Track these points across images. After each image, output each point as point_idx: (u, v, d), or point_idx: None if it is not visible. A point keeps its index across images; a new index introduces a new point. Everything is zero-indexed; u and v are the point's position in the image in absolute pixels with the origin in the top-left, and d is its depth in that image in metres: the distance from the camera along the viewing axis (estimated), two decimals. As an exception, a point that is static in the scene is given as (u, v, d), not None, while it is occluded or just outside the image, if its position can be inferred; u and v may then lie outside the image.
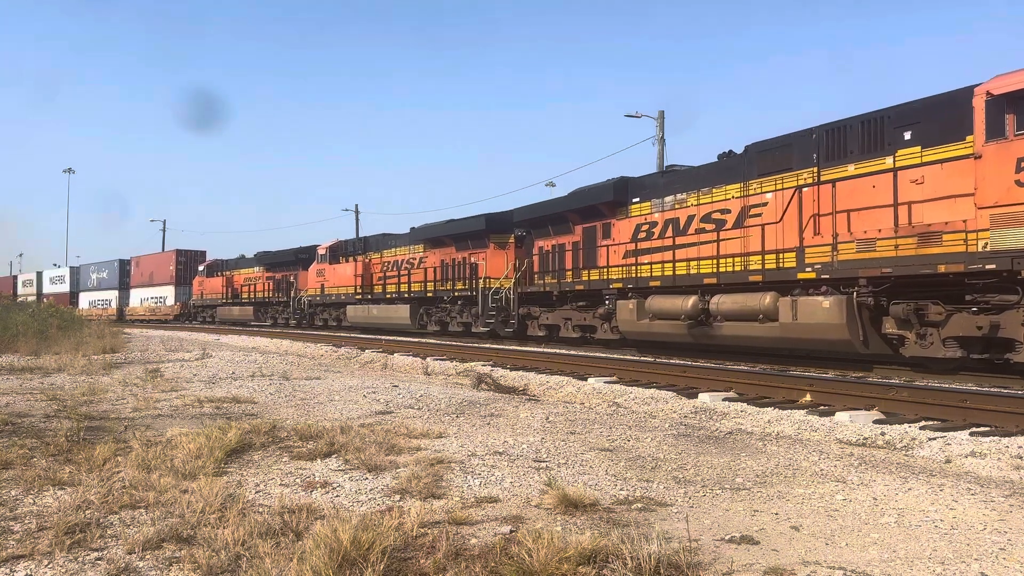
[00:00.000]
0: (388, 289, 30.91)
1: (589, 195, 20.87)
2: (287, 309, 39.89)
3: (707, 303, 16.08)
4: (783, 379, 11.77)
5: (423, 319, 28.82)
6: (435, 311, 28.17)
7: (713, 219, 16.63)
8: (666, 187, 18.36)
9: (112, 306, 61.11)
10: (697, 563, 3.68)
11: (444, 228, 28.22)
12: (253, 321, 42.82)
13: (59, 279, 71.70)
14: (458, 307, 26.72)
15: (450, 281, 27.26)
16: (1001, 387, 10.66)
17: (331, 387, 11.42)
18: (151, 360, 17.15)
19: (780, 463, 6.23)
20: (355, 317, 32.60)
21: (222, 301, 46.77)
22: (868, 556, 3.90)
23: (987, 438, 7.51)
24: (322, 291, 35.81)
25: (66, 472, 5.55)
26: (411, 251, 30.32)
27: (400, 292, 29.86)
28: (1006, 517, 4.67)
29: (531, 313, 23.06)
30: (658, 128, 30.13)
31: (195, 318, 51.49)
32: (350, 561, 3.55)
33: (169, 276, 54.43)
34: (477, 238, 26.34)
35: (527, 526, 4.26)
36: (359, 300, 32.54)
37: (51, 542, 3.99)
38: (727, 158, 16.83)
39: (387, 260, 32.08)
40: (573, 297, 21.32)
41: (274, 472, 5.72)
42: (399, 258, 31.15)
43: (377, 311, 31.06)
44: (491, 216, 26.11)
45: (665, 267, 17.77)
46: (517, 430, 7.59)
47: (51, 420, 8.02)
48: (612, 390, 11.82)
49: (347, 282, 33.60)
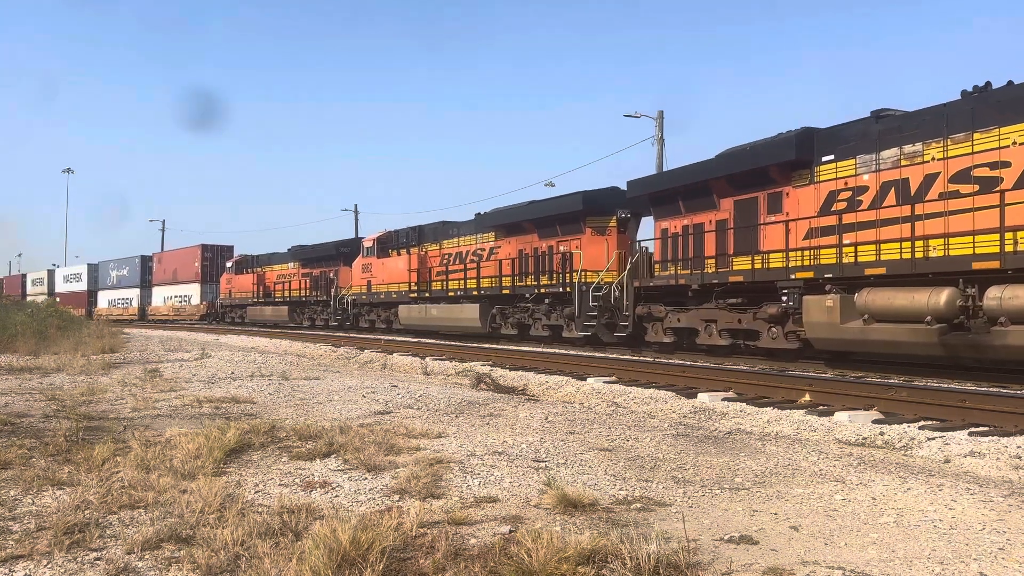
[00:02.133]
0: (450, 286, 26.60)
1: (752, 156, 15.68)
2: (327, 309, 35.83)
3: (972, 298, 11.66)
4: (782, 379, 11.78)
5: (495, 321, 24.65)
6: (512, 311, 24.00)
7: (976, 177, 11.85)
8: (883, 138, 13.40)
9: (133, 305, 57.59)
10: (696, 563, 3.68)
11: (524, 212, 23.83)
12: (288, 323, 38.70)
13: (75, 277, 67.71)
14: (544, 307, 22.46)
15: (531, 275, 23.11)
16: (1000, 387, 10.67)
17: (330, 387, 11.42)
18: (150, 360, 17.14)
19: (779, 463, 6.23)
20: (409, 318, 28.66)
21: (253, 300, 42.86)
22: (867, 556, 3.90)
23: (986, 438, 7.52)
24: (368, 289, 31.99)
25: (65, 472, 5.55)
26: (479, 240, 26.05)
27: (466, 289, 25.53)
28: (1005, 517, 4.67)
29: (652, 314, 18.24)
30: (657, 128, 30.15)
31: (223, 319, 47.61)
32: (349, 561, 3.55)
33: (194, 273, 50.62)
34: (569, 222, 21.94)
35: (526, 526, 4.26)
36: (414, 299, 28.51)
37: (50, 542, 3.99)
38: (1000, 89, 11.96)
39: (448, 252, 27.74)
40: (722, 293, 16.42)
41: (273, 472, 5.72)
42: (463, 249, 26.90)
43: (437, 311, 26.97)
44: (590, 195, 21.54)
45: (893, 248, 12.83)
46: (516, 430, 7.59)
47: (50, 420, 8.01)
48: (611, 390, 11.83)
49: (399, 278, 29.66)
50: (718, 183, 16.84)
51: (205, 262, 50.44)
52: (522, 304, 23.54)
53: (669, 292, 18.01)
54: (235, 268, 45.96)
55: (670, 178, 18.48)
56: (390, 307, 30.82)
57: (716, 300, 16.54)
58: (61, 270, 71.08)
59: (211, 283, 49.60)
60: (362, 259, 32.80)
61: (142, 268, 57.56)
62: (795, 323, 14.62)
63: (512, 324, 24.00)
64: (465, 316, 25.42)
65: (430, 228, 29.49)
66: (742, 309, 16.03)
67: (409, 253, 29.59)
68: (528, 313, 23.30)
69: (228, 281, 46.34)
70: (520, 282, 23.44)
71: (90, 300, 63.27)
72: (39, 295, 69.14)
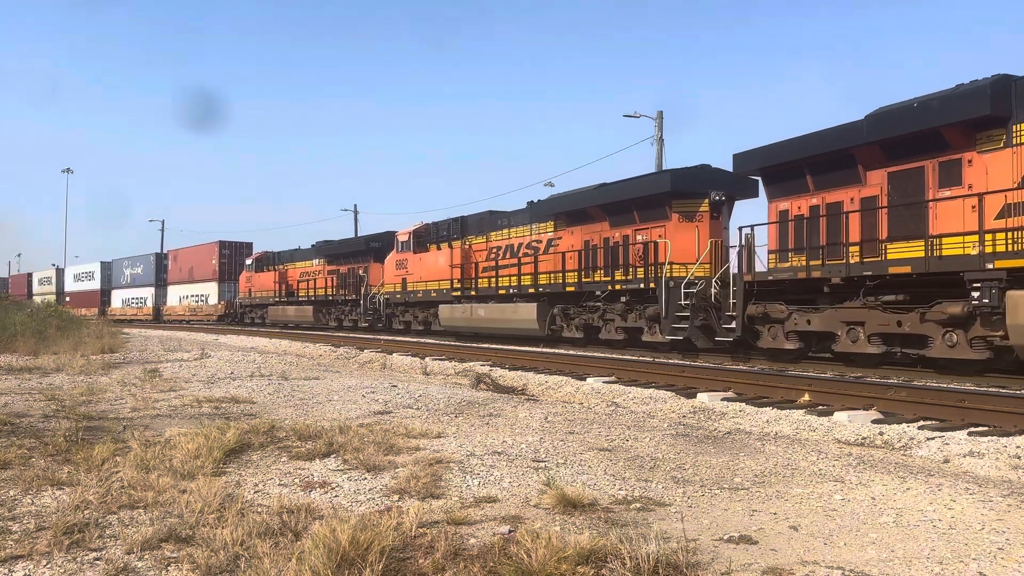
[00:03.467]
0: (501, 283, 23.66)
1: (920, 114, 12.56)
2: (356, 309, 33.25)
3: None
4: (782, 379, 11.78)
5: (555, 322, 21.66)
6: (577, 312, 21.00)
7: None
8: None
9: (148, 305, 54.98)
10: (695, 563, 3.68)
11: (591, 196, 20.68)
12: (313, 325, 35.87)
13: (87, 276, 64.59)
14: (620, 306, 19.30)
15: (600, 270, 20.04)
16: (999, 387, 10.67)
17: (330, 387, 11.42)
18: (150, 360, 17.14)
19: (778, 463, 6.23)
20: (452, 319, 25.90)
21: (274, 300, 39.86)
22: (866, 556, 3.91)
23: (985, 438, 7.52)
24: (403, 287, 29.06)
25: (65, 472, 5.55)
26: (534, 231, 23.11)
27: (521, 286, 22.68)
28: (1004, 517, 4.67)
29: (768, 314, 14.97)
30: (657, 128, 30.16)
31: (242, 319, 44.82)
32: (348, 561, 3.55)
33: (211, 271, 47.74)
34: (651, 206, 18.91)
35: (526, 526, 4.26)
36: (457, 298, 25.70)
37: (50, 542, 3.99)
38: None
39: (497, 245, 24.60)
40: (873, 288, 13.28)
41: (273, 472, 5.72)
42: (515, 241, 23.84)
43: (485, 312, 24.02)
44: (679, 174, 18.48)
45: None
46: (516, 430, 7.60)
47: (49, 420, 8.01)
48: (611, 390, 11.83)
49: (439, 275, 26.81)
50: (866, 151, 13.63)
51: (223, 260, 47.65)
52: (590, 303, 20.46)
53: (794, 287, 14.65)
54: (255, 265, 43.15)
55: (795, 148, 14.89)
56: (429, 307, 28.05)
57: (864, 297, 13.34)
58: (72, 268, 68.27)
59: (229, 282, 47.06)
60: (396, 254, 29.87)
61: (157, 266, 54.98)
62: (986, 326, 11.59)
63: (577, 326, 20.96)
64: (519, 317, 22.45)
65: (474, 219, 26.38)
66: (903, 308, 12.80)
67: (451, 247, 26.50)
68: (598, 314, 20.18)
69: (248, 279, 43.61)
70: (588, 278, 20.34)
71: (103, 299, 60.93)
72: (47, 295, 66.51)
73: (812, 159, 14.63)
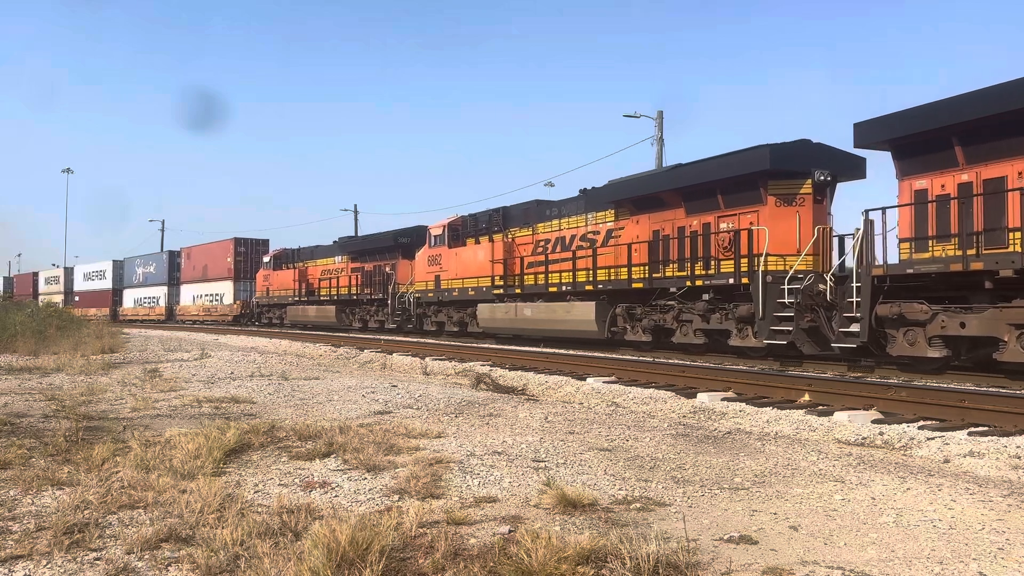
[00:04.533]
0: (551, 279, 21.24)
1: None
2: (383, 309, 31.02)
3: None
4: (782, 379, 11.78)
5: (617, 323, 19.10)
6: (645, 312, 18.31)
7: None
8: None
9: (160, 304, 52.93)
10: (696, 563, 3.68)
11: (663, 180, 18.17)
12: (336, 325, 33.73)
13: (97, 275, 62.25)
14: (702, 305, 16.44)
15: (674, 264, 17.48)
16: (1000, 387, 10.67)
17: (330, 387, 11.42)
18: (150, 360, 17.14)
19: (779, 463, 6.23)
20: (493, 320, 23.27)
21: (294, 299, 37.62)
22: (866, 556, 3.91)
23: (985, 438, 7.52)
24: (436, 285, 26.66)
25: (65, 472, 5.55)
26: (591, 221, 20.58)
27: (575, 283, 20.21)
28: (1004, 517, 4.67)
29: (905, 315, 12.23)
30: (657, 128, 30.17)
31: (259, 320, 42.73)
32: (348, 561, 3.55)
33: (226, 269, 45.46)
34: (741, 188, 16.02)
35: (526, 526, 4.26)
36: (499, 296, 23.20)
37: (50, 542, 3.99)
38: None
39: (545, 238, 22.26)
40: None
41: (273, 472, 5.72)
42: (567, 233, 21.35)
43: (532, 312, 21.61)
44: (779, 149, 15.32)
45: None
46: (516, 430, 7.60)
47: (49, 420, 8.01)
48: (611, 390, 11.83)
49: (477, 271, 24.31)
50: None
51: (238, 257, 45.11)
52: (662, 302, 17.66)
53: (939, 284, 12.14)
54: (273, 263, 40.72)
55: (940, 113, 12.23)
56: (465, 306, 25.57)
57: None
58: (82, 266, 65.92)
59: (245, 280, 44.82)
60: (428, 250, 27.33)
61: (170, 264, 52.70)
62: None
63: (645, 328, 18.29)
64: (574, 317, 19.96)
65: (518, 210, 23.94)
66: None
67: (491, 240, 24.09)
68: (671, 314, 17.41)
69: (265, 278, 41.20)
70: (659, 273, 17.76)
71: (114, 299, 58.97)
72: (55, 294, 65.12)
73: (963, 126, 11.96)
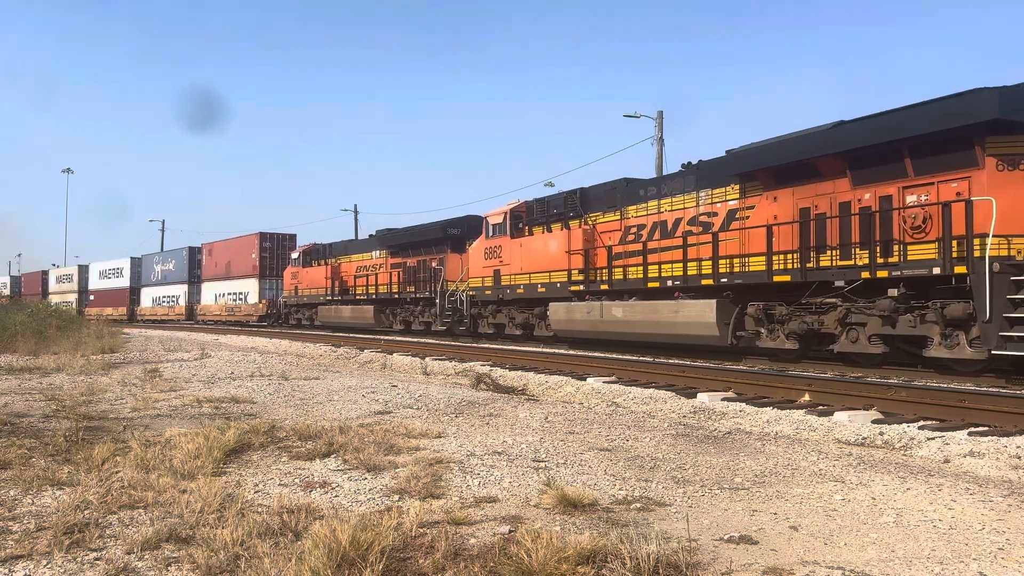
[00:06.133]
0: (650, 273, 17.38)
1: None
2: (429, 309, 27.90)
3: None
4: (782, 379, 11.78)
5: (747, 326, 15.12)
6: (791, 312, 14.27)
7: None
8: None
9: (180, 303, 50.48)
10: (696, 563, 3.68)
11: (818, 143, 13.81)
12: (374, 327, 30.70)
13: (114, 272, 59.27)
14: (886, 303, 12.49)
15: (834, 250, 13.53)
16: (1000, 387, 10.68)
17: (330, 387, 11.42)
18: (150, 360, 17.14)
19: (779, 463, 6.23)
20: (570, 322, 19.60)
21: (325, 298, 34.67)
22: (867, 556, 3.91)
23: (985, 438, 7.52)
24: (496, 280, 23.15)
25: (65, 472, 5.55)
26: (705, 201, 16.55)
27: (687, 277, 16.29)
28: (1004, 517, 4.67)
29: None
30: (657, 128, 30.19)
31: (286, 321, 39.60)
32: (349, 561, 3.55)
33: (251, 266, 42.62)
34: (943, 148, 11.99)
35: (526, 526, 4.26)
36: (579, 293, 19.66)
37: (50, 542, 3.99)
38: None
39: (636, 223, 18.50)
40: None
41: (273, 472, 5.72)
42: (669, 216, 17.45)
43: (624, 312, 17.84)
44: (1009, 93, 11.13)
45: None
46: (516, 430, 7.60)
47: (50, 420, 8.01)
48: (611, 390, 11.83)
49: (548, 264, 20.87)
50: None
51: (264, 253, 42.18)
52: (816, 300, 13.83)
53: None
54: (302, 259, 37.72)
55: None
56: (532, 305, 22.03)
57: None
58: (97, 264, 62.87)
59: (271, 278, 42.11)
60: (485, 241, 24.03)
61: (190, 261, 49.97)
62: None
63: (791, 333, 14.27)
64: (685, 319, 15.98)
65: (601, 191, 20.05)
66: None
67: (567, 227, 20.64)
68: (834, 315, 13.50)
69: (293, 275, 38.29)
70: (812, 262, 13.84)
71: (132, 298, 56.46)
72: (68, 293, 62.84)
73: None
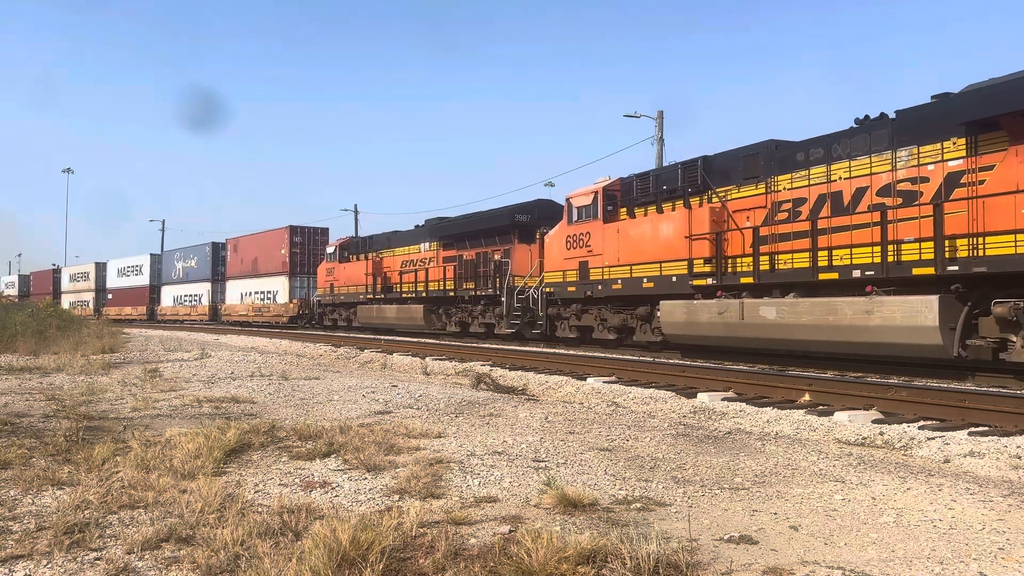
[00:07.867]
0: (819, 260, 13.41)
1: None
2: (492, 309, 24.26)
3: None
4: (782, 379, 11.77)
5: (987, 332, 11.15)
6: None
7: None
8: None
9: (203, 303, 47.72)
10: (696, 563, 3.68)
11: None
12: (424, 329, 27.53)
13: (133, 270, 56.52)
14: None
15: None
16: (1000, 387, 10.67)
17: (330, 387, 11.42)
18: (150, 360, 17.13)
19: (779, 463, 6.23)
20: (692, 324, 15.77)
21: (365, 297, 31.17)
22: (867, 556, 3.91)
23: (986, 438, 7.51)
24: (582, 274, 19.46)
25: (65, 472, 5.55)
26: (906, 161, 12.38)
27: (886, 265, 12.29)
28: (1005, 517, 4.67)
29: None
30: (657, 128, 30.15)
31: (320, 322, 36.24)
32: (349, 561, 3.55)
33: (280, 263, 39.55)
34: None
35: (526, 526, 4.26)
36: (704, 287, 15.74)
37: (50, 542, 3.99)
38: None
39: (790, 196, 14.30)
40: None
41: (273, 472, 5.72)
42: (845, 186, 13.28)
43: (779, 313, 13.80)
44: None
45: None
46: (516, 430, 7.60)
47: (50, 420, 8.01)
48: (611, 390, 11.82)
49: (657, 253, 16.96)
50: None
51: (294, 248, 39.16)
52: None
53: None
54: (338, 254, 34.30)
55: None
56: (634, 304, 18.19)
57: None
58: (115, 262, 60.04)
59: (302, 276, 39.27)
60: (567, 227, 20.26)
61: (213, 258, 47.11)
62: None
63: None
64: (887, 323, 12.01)
65: (736, 158, 15.52)
66: None
67: (686, 206, 16.46)
68: None
69: (328, 272, 34.85)
70: None
71: (152, 297, 54.04)
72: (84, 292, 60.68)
73: None
